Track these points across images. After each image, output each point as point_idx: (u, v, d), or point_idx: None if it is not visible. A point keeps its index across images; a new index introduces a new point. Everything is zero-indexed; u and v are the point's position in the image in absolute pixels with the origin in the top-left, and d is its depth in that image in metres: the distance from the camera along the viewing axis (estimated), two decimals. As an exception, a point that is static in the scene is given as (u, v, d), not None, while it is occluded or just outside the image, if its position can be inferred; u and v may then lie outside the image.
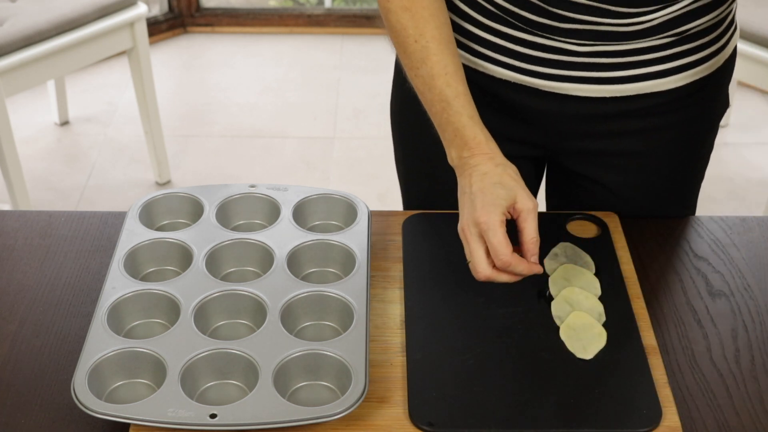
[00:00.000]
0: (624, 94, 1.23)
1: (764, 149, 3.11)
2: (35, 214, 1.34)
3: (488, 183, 1.07)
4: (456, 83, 1.13)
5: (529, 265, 1.06)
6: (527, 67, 1.23)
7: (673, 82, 1.23)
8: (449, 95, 1.12)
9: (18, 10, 2.55)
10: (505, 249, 1.04)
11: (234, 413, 0.98)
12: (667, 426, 1.02)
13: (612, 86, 1.22)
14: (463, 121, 1.11)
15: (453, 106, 1.12)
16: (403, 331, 1.13)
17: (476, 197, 1.06)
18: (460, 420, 1.02)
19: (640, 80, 1.22)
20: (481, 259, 1.05)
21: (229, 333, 1.12)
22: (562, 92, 1.23)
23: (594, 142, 1.29)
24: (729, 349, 1.13)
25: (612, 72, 1.21)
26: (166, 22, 3.66)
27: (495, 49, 1.24)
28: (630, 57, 1.20)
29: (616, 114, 1.26)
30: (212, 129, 3.20)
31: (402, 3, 1.14)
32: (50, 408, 1.05)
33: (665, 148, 1.30)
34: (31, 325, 1.15)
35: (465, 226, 1.07)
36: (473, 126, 1.11)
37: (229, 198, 1.27)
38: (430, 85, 1.13)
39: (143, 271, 1.21)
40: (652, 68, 1.21)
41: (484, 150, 1.10)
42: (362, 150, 3.09)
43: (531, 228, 1.06)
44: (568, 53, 1.20)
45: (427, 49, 1.13)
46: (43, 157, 3.05)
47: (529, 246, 1.06)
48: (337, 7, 3.80)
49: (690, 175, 1.37)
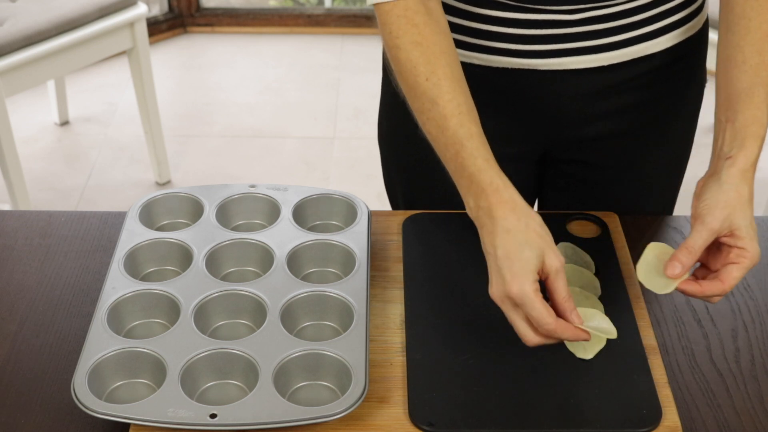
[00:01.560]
0: (617, 61, 1.25)
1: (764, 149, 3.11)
2: (35, 214, 1.34)
3: (514, 245, 1.01)
4: (469, 124, 1.07)
5: (576, 330, 1.01)
6: (522, 48, 1.23)
7: (660, 44, 1.25)
8: (463, 136, 1.06)
9: (18, 10, 2.55)
10: (547, 318, 0.99)
11: (234, 413, 0.98)
12: (667, 426, 1.02)
13: (605, 54, 1.24)
14: (479, 164, 1.05)
15: (467, 149, 1.06)
16: (403, 331, 1.13)
17: (503, 265, 1.00)
18: (460, 420, 1.02)
19: (632, 44, 1.24)
20: (525, 329, 1.01)
21: (229, 333, 1.12)
22: (560, 68, 1.24)
23: (590, 126, 1.31)
24: (729, 349, 1.13)
25: (605, 38, 1.23)
26: (166, 22, 3.66)
27: (488, 36, 1.24)
28: (621, 20, 1.22)
29: (611, 87, 1.27)
30: (212, 129, 3.21)
31: (413, 38, 1.09)
32: (50, 408, 1.05)
33: (656, 123, 1.33)
34: (31, 325, 1.15)
35: (498, 298, 1.02)
36: (489, 170, 1.05)
37: (229, 198, 1.27)
38: (442, 126, 1.07)
39: (143, 271, 1.21)
40: (639, 30, 1.23)
41: (503, 198, 1.04)
42: (362, 150, 3.09)
43: (562, 287, 1.01)
44: (561, 24, 1.21)
45: (440, 87, 1.08)
46: (43, 157, 3.05)
47: (564, 305, 1.02)
48: (337, 7, 3.80)
49: (679, 147, 1.40)
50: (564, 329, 1.00)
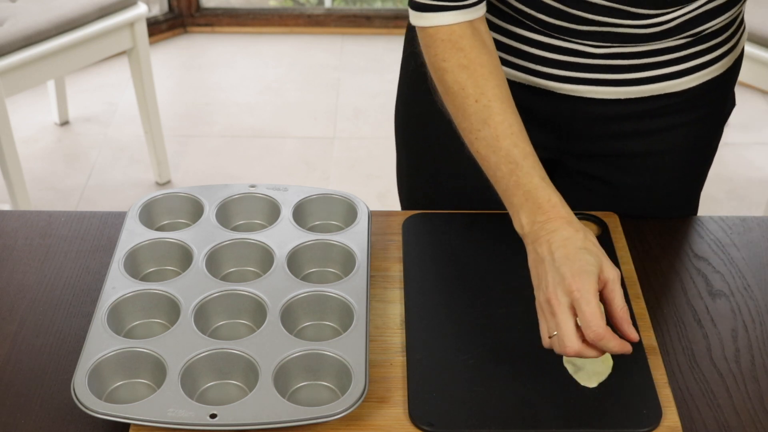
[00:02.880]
0: (638, 96, 1.23)
1: (764, 149, 3.11)
2: (35, 214, 1.34)
3: (573, 248, 1.00)
4: (523, 143, 1.07)
5: (622, 343, 0.98)
6: (542, 70, 1.22)
7: (688, 83, 1.24)
8: (517, 156, 1.06)
9: (18, 10, 2.55)
10: (600, 321, 0.97)
11: (234, 413, 0.98)
12: (667, 426, 1.02)
13: (627, 88, 1.22)
14: (535, 182, 1.05)
15: (522, 168, 1.06)
16: (403, 331, 1.13)
17: (562, 264, 0.99)
18: (460, 420, 1.02)
19: (655, 81, 1.22)
20: (571, 331, 0.98)
21: (229, 333, 1.12)
22: (576, 94, 1.23)
23: (603, 143, 1.30)
24: (729, 349, 1.13)
25: (627, 74, 1.21)
26: (166, 22, 3.66)
27: (509, 51, 1.23)
28: (646, 59, 1.20)
29: (627, 115, 1.26)
30: (212, 129, 3.20)
31: (459, 61, 1.09)
32: (50, 408, 1.05)
33: (674, 148, 1.31)
34: (31, 325, 1.15)
35: (552, 296, 0.99)
36: (546, 187, 1.05)
37: (229, 198, 1.27)
38: (494, 147, 1.07)
39: (143, 271, 1.21)
40: (667, 69, 1.21)
41: (561, 213, 1.04)
42: (362, 150, 3.09)
43: (619, 297, 1.00)
44: (585, 55, 1.20)
45: (490, 109, 1.07)
46: (43, 157, 3.05)
47: (621, 314, 1.00)
48: (337, 7, 3.80)
49: (696, 174, 1.37)
50: (611, 337, 0.98)
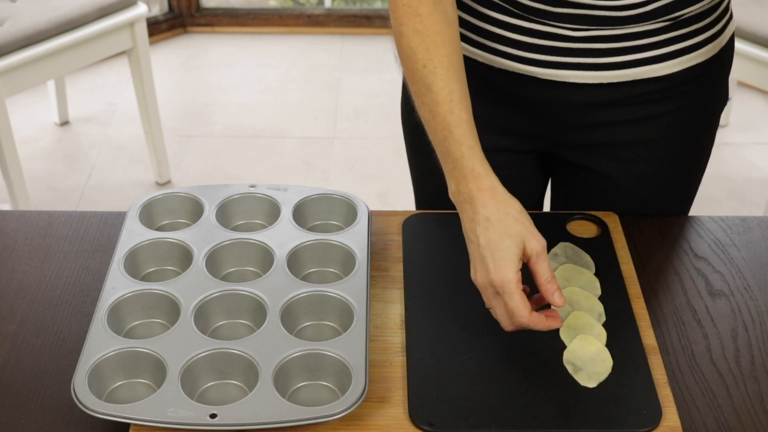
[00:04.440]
0: (621, 80, 1.24)
1: (764, 149, 3.11)
2: (35, 214, 1.34)
3: (495, 235, 1.04)
4: (459, 111, 1.09)
5: (547, 321, 1.05)
6: (524, 55, 1.23)
7: (669, 68, 1.24)
8: (451, 122, 1.09)
9: (18, 10, 2.55)
10: (522, 311, 1.03)
11: (234, 413, 0.98)
12: (667, 426, 1.02)
13: (609, 72, 1.23)
14: (463, 150, 1.08)
15: (453, 134, 1.09)
16: (403, 331, 1.13)
17: (486, 254, 1.04)
18: (460, 420, 1.02)
19: (636, 65, 1.23)
20: (503, 316, 1.05)
21: (229, 333, 1.12)
22: (560, 79, 1.24)
23: (593, 133, 1.30)
24: (729, 349, 1.13)
25: (608, 57, 1.22)
26: (166, 22, 3.66)
27: (492, 38, 1.24)
28: (625, 42, 1.21)
29: (613, 101, 1.27)
30: (212, 129, 3.21)
31: (415, 26, 1.12)
32: (50, 408, 1.05)
33: (664, 138, 1.31)
34: (31, 325, 1.15)
35: (481, 285, 1.06)
36: (472, 157, 1.08)
37: (229, 198, 1.27)
38: (434, 112, 1.10)
39: (143, 271, 1.21)
40: (647, 53, 1.23)
41: (483, 185, 1.07)
42: (362, 150, 3.09)
43: (544, 269, 1.05)
44: (565, 39, 1.21)
45: (435, 75, 1.10)
46: (43, 157, 3.05)
47: (547, 287, 1.05)
48: (337, 7, 3.80)
49: (689, 166, 1.37)
50: (536, 322, 1.04)
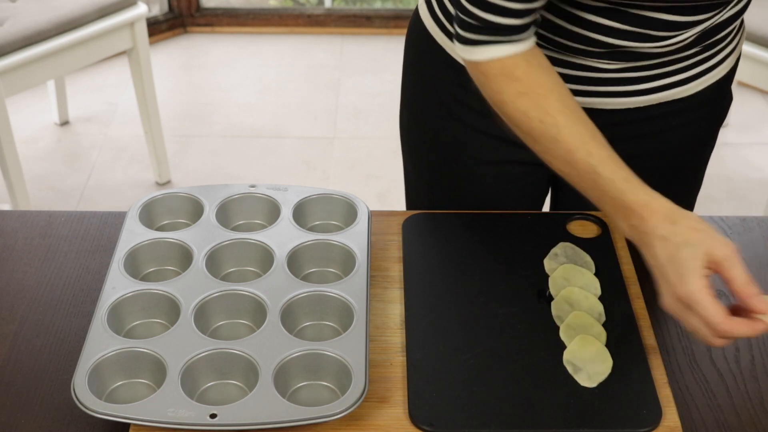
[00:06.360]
0: (647, 104, 1.24)
1: (764, 149, 3.11)
2: (35, 214, 1.34)
3: (673, 248, 0.98)
4: (597, 149, 1.05)
5: (752, 325, 0.96)
6: None
7: (695, 88, 1.25)
8: (594, 164, 1.04)
9: (18, 10, 2.55)
10: (719, 318, 0.95)
11: (234, 413, 0.98)
12: (667, 426, 1.02)
13: (637, 98, 1.23)
14: (619, 186, 1.03)
15: (602, 176, 1.04)
16: (403, 331, 1.13)
17: (667, 269, 0.98)
18: (460, 420, 1.02)
19: (665, 89, 1.23)
20: (705, 332, 0.97)
21: (229, 333, 1.12)
22: (588, 107, 1.22)
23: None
24: (729, 349, 1.13)
25: (639, 85, 1.22)
26: (166, 22, 3.66)
27: None
28: (656, 69, 1.21)
29: (634, 120, 1.27)
30: (212, 129, 3.20)
31: (516, 90, 1.07)
32: (50, 408, 1.05)
33: (675, 148, 1.32)
34: (31, 325, 1.15)
35: (669, 304, 0.99)
36: (631, 189, 1.03)
37: (229, 198, 1.27)
38: (570, 161, 1.05)
39: (143, 271, 1.21)
40: (676, 77, 1.23)
41: (653, 209, 1.01)
42: (362, 150, 3.09)
43: (737, 273, 0.96)
44: (598, 71, 1.20)
45: (557, 126, 1.05)
46: (43, 157, 3.05)
47: (745, 290, 0.96)
48: (337, 7, 3.80)
49: (694, 170, 1.39)
50: (738, 327, 0.95)
